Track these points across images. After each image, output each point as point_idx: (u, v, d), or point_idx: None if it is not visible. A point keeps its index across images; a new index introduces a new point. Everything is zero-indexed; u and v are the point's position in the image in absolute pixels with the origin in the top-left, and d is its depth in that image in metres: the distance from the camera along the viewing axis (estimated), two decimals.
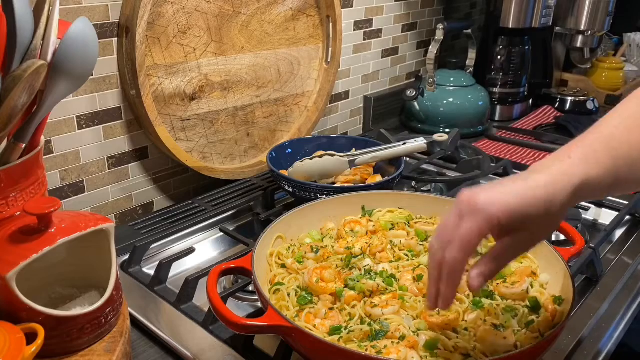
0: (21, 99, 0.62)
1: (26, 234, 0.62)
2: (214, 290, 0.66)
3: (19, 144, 0.66)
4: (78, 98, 0.97)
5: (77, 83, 0.68)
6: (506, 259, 0.61)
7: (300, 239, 0.87)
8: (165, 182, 1.16)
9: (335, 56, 1.33)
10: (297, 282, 0.76)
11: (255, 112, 1.23)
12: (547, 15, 1.58)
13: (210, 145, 1.16)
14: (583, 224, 1.08)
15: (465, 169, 1.26)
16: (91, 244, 0.68)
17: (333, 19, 1.30)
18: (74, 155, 0.99)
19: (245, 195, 1.13)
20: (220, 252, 1.02)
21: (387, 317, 0.69)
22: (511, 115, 1.74)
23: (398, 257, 0.82)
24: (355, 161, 1.09)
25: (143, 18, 0.96)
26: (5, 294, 0.59)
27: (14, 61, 0.63)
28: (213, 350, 0.72)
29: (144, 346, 0.75)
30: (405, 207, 0.93)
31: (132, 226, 1.01)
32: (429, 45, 1.63)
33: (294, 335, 0.63)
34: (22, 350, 0.56)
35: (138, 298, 0.82)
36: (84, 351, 0.66)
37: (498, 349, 0.64)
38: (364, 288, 0.72)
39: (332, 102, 1.49)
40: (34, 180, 0.69)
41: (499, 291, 0.75)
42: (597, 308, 0.83)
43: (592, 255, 0.88)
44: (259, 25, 1.18)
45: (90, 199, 1.04)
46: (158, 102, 1.04)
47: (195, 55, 1.08)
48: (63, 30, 0.65)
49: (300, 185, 1.01)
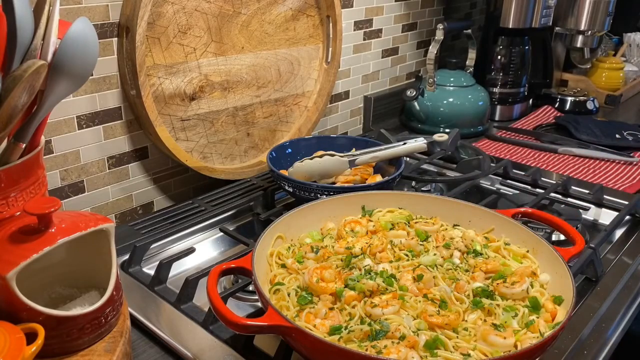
0: (21, 99, 0.62)
1: (26, 234, 0.62)
2: (214, 290, 0.66)
3: (19, 144, 0.66)
4: (78, 98, 0.97)
5: (77, 83, 0.68)
6: None
7: (300, 239, 0.87)
8: (165, 182, 1.16)
9: (335, 56, 1.33)
10: (297, 282, 0.76)
11: (255, 112, 1.23)
12: (547, 15, 1.58)
13: (210, 145, 1.17)
14: (583, 224, 1.08)
15: (465, 169, 1.26)
16: (91, 244, 0.68)
17: (333, 19, 1.30)
18: (74, 155, 0.99)
19: (245, 195, 1.13)
20: (220, 252, 1.02)
21: (387, 317, 0.69)
22: (511, 115, 1.74)
23: (398, 257, 0.82)
24: (355, 161, 1.09)
25: (143, 18, 0.96)
26: (6, 293, 0.59)
27: (14, 61, 0.63)
28: (213, 350, 0.72)
29: (144, 346, 0.75)
30: (405, 207, 0.93)
31: (132, 226, 1.01)
32: (429, 45, 1.64)
33: (294, 335, 0.63)
34: (22, 350, 0.56)
35: (138, 298, 0.82)
36: (84, 351, 0.66)
37: (498, 349, 0.65)
38: (364, 288, 0.72)
39: (332, 102, 1.49)
40: (34, 180, 0.69)
41: (499, 291, 0.75)
42: (597, 308, 0.83)
43: (592, 255, 0.88)
44: (259, 25, 1.18)
45: (90, 199, 1.04)
46: (158, 102, 1.04)
47: (196, 55, 1.08)
48: (63, 30, 0.65)
49: (300, 185, 1.01)
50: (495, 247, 0.84)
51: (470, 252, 0.83)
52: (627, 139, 1.52)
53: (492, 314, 0.71)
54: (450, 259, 0.81)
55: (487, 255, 0.83)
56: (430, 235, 0.87)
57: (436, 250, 0.83)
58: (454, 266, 0.80)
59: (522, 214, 0.90)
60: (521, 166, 1.32)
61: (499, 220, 0.87)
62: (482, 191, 1.24)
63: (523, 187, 1.21)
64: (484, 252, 0.83)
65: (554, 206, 1.13)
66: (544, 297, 0.74)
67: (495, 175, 1.26)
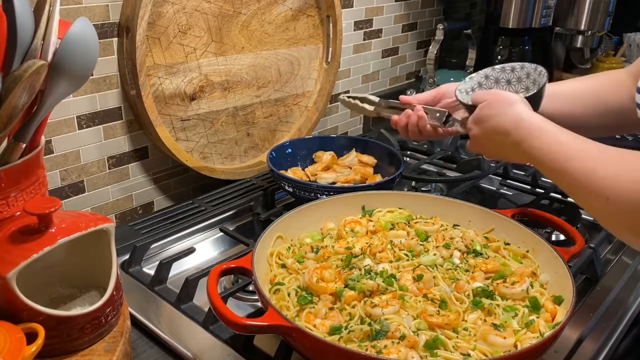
0: (21, 99, 0.62)
1: (26, 234, 0.62)
2: (214, 290, 0.66)
3: (20, 143, 0.66)
4: (78, 98, 0.97)
5: (78, 83, 0.68)
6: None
7: (300, 239, 0.87)
8: (165, 182, 1.16)
9: (335, 56, 1.33)
10: (297, 282, 0.76)
11: (255, 112, 1.23)
12: (547, 15, 1.58)
13: (210, 145, 1.17)
14: (583, 224, 1.08)
15: (465, 169, 1.26)
16: (91, 244, 0.68)
17: (333, 19, 1.30)
18: (74, 155, 0.99)
19: (245, 195, 1.13)
20: (220, 252, 1.02)
21: (387, 317, 0.69)
22: None
23: (398, 257, 0.82)
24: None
25: (143, 18, 0.96)
26: (6, 293, 0.59)
27: (14, 61, 0.63)
28: (213, 350, 0.72)
29: (144, 346, 0.75)
30: (405, 207, 0.93)
31: (132, 226, 1.01)
32: (429, 45, 1.63)
33: (294, 335, 0.63)
34: (22, 350, 0.56)
35: (138, 298, 0.82)
36: (84, 351, 0.66)
37: (498, 349, 0.65)
38: (364, 288, 0.72)
39: (332, 102, 1.49)
40: (34, 180, 0.69)
41: (499, 291, 0.75)
42: (597, 308, 0.83)
43: (592, 255, 0.88)
44: (259, 25, 1.18)
45: (90, 199, 1.04)
46: (158, 102, 1.04)
47: (196, 55, 1.08)
48: (63, 30, 0.65)
49: (300, 185, 1.01)
50: (495, 247, 0.84)
51: (470, 252, 0.83)
52: (627, 139, 1.52)
53: (492, 314, 0.71)
54: (450, 259, 0.81)
55: (487, 255, 0.83)
56: (430, 235, 0.87)
57: (436, 250, 0.83)
58: (454, 266, 0.80)
59: (522, 213, 0.90)
60: (521, 166, 1.32)
61: (498, 220, 0.87)
62: (482, 191, 1.24)
63: (523, 187, 1.21)
64: (483, 252, 0.83)
65: (554, 206, 1.13)
66: (544, 297, 0.74)
67: (495, 175, 1.26)
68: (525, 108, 0.79)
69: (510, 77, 0.97)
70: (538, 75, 0.94)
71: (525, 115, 0.77)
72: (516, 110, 0.78)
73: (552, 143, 0.72)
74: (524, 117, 0.77)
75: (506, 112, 0.79)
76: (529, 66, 0.96)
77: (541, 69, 0.94)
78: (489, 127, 0.81)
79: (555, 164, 0.71)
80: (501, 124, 0.79)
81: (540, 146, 0.73)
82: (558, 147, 0.71)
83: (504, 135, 0.78)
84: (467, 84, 0.96)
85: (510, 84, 0.98)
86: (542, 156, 0.73)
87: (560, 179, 0.71)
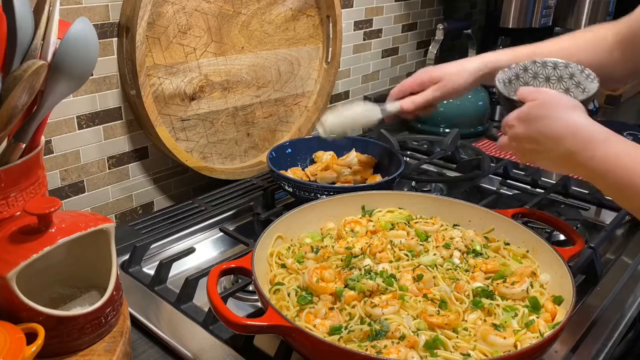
0: (21, 99, 0.62)
1: (26, 234, 0.62)
2: (214, 290, 0.66)
3: (19, 144, 0.66)
4: (78, 98, 0.97)
5: (77, 83, 0.68)
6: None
7: (300, 239, 0.87)
8: (165, 182, 1.16)
9: (335, 56, 1.33)
10: (297, 282, 0.76)
11: (255, 112, 1.23)
12: (547, 15, 1.58)
13: (210, 145, 1.17)
14: (583, 224, 1.08)
15: (465, 169, 1.26)
16: (91, 244, 0.68)
17: (333, 19, 1.30)
18: (74, 155, 0.99)
19: (245, 195, 1.13)
20: (220, 252, 1.02)
21: (387, 317, 0.69)
22: None
23: (398, 257, 0.82)
24: (387, 108, 1.03)
25: (143, 18, 0.96)
26: (6, 294, 0.59)
27: (14, 61, 0.63)
28: (213, 350, 0.72)
29: (144, 346, 0.75)
30: (405, 207, 0.93)
31: (132, 226, 1.01)
32: (429, 45, 1.64)
33: (294, 335, 0.63)
34: (22, 350, 0.56)
35: (138, 298, 0.82)
36: (84, 351, 0.66)
37: (498, 349, 0.65)
38: (364, 288, 0.72)
39: (332, 102, 1.49)
40: (34, 180, 0.69)
41: (499, 291, 0.75)
42: (597, 308, 0.83)
43: (592, 255, 0.88)
44: (259, 25, 1.18)
45: (90, 199, 1.04)
46: (158, 102, 1.04)
47: (196, 55, 1.08)
48: (63, 30, 0.65)
49: (300, 185, 1.01)
50: (495, 247, 0.84)
51: (470, 252, 0.83)
52: (627, 139, 1.52)
53: (492, 314, 0.71)
54: (450, 259, 0.81)
55: (487, 255, 0.83)
56: (430, 236, 0.87)
57: (436, 250, 0.83)
58: (453, 266, 0.80)
59: (522, 214, 0.90)
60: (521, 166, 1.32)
61: (498, 220, 0.87)
62: (482, 191, 1.24)
63: (523, 187, 1.21)
64: (483, 252, 0.83)
65: (554, 206, 1.13)
66: (544, 297, 0.74)
67: (495, 175, 1.26)
68: (583, 114, 0.72)
69: (551, 74, 0.90)
70: (585, 78, 0.86)
71: (585, 122, 0.71)
72: (573, 115, 0.71)
73: (621, 156, 0.66)
74: (583, 125, 0.70)
75: (561, 117, 0.72)
76: (574, 67, 0.88)
77: (589, 72, 0.86)
78: (536, 128, 0.74)
79: (623, 179, 0.65)
80: (554, 128, 0.71)
81: (604, 158, 0.67)
82: (628, 160, 0.65)
83: (555, 141, 0.72)
84: (505, 74, 0.90)
85: (548, 82, 0.91)
86: (606, 169, 0.67)
87: (628, 196, 0.66)
